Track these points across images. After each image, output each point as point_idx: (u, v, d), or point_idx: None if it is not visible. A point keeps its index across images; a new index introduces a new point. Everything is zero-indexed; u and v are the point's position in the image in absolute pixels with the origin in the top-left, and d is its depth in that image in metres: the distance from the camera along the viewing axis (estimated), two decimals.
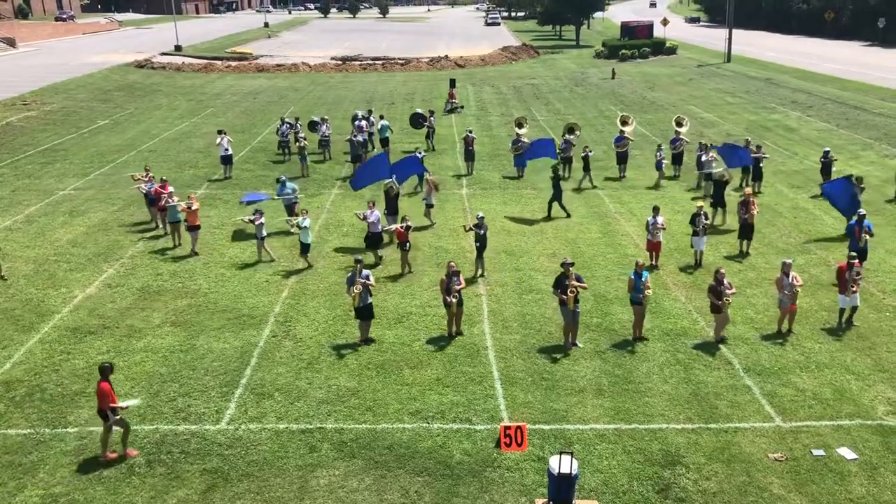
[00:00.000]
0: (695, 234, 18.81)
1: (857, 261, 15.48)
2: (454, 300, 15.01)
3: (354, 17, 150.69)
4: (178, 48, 77.39)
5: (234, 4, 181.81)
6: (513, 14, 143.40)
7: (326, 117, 32.98)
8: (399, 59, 70.41)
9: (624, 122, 29.68)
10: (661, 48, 72.53)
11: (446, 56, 70.81)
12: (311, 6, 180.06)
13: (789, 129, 36.47)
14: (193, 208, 20.03)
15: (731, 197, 24.79)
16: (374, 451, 11.82)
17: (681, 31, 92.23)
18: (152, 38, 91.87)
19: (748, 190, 20.47)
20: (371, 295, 15.12)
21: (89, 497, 10.82)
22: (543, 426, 12.42)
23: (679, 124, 29.08)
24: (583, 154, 26.69)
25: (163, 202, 21.07)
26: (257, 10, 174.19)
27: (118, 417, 11.52)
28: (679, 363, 14.38)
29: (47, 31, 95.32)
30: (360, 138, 28.39)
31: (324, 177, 28.32)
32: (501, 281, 18.34)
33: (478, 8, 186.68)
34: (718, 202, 22.32)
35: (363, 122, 31.16)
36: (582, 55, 74.83)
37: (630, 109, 42.01)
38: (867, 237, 17.88)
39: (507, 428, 11.71)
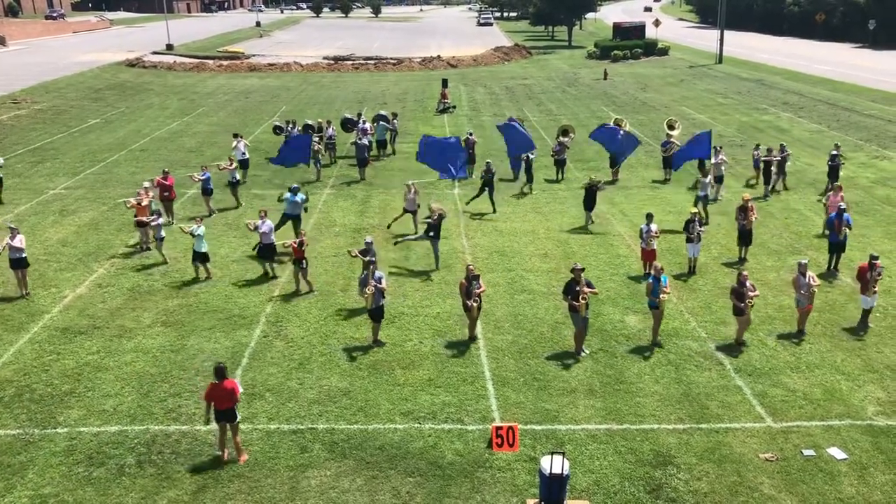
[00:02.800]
0: (689, 240, 18.58)
1: (877, 261, 15.50)
2: (475, 304, 14.96)
3: (347, 16, 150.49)
4: (169, 47, 77.11)
5: (226, 3, 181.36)
6: (505, 14, 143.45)
7: (331, 120, 32.83)
8: (391, 58, 70.33)
9: (617, 125, 29.64)
10: (653, 49, 72.73)
11: (438, 56, 70.78)
12: (304, 5, 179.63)
13: (781, 129, 36.62)
14: (143, 204, 19.87)
15: (726, 201, 24.95)
16: (366, 451, 11.80)
17: (672, 32, 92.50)
18: (143, 36, 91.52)
19: (746, 195, 20.36)
20: (383, 297, 15.03)
21: (79, 498, 10.76)
22: (535, 426, 12.43)
23: (671, 127, 29.08)
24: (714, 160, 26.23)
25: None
26: (249, 9, 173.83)
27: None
28: (670, 363, 14.41)
29: (37, 29, 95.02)
30: (365, 141, 28.45)
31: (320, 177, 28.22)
32: (493, 281, 18.32)
33: (470, 8, 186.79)
34: (586, 204, 22.30)
35: (367, 125, 31.11)
36: (574, 56, 74.96)
37: (622, 110, 42.15)
38: (846, 230, 18.15)
39: (498, 428, 11.71)
